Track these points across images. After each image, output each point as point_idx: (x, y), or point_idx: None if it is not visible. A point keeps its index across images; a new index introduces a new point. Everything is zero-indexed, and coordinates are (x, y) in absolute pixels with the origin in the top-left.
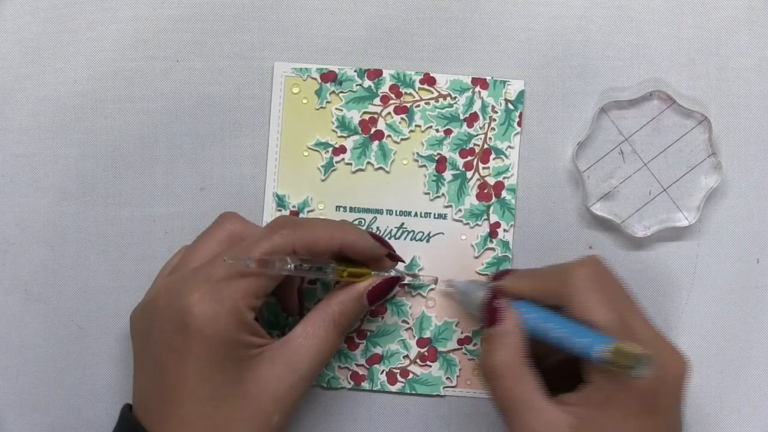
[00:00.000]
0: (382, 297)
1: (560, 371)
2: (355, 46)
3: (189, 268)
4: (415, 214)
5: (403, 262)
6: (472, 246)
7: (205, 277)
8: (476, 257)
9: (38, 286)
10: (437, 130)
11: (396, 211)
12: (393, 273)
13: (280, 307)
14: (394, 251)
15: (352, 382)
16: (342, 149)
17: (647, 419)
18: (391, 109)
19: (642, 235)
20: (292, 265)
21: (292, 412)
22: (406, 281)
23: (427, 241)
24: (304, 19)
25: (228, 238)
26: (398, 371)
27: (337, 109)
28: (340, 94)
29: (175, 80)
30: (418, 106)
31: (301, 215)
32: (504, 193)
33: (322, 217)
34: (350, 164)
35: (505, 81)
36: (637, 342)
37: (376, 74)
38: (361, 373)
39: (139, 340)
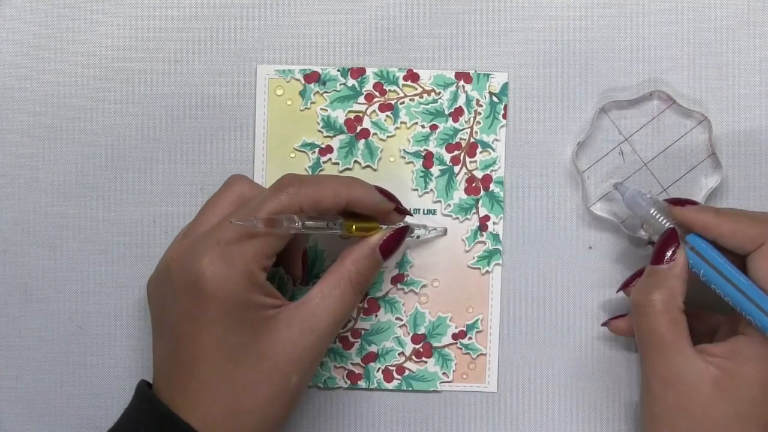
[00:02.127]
0: (394, 249)
1: (698, 317)
2: (355, 46)
3: (200, 232)
4: None
5: (411, 215)
6: (462, 240)
7: (215, 241)
8: (467, 251)
9: (38, 286)
10: (423, 126)
11: None
12: (403, 224)
13: (285, 270)
14: (401, 205)
15: (349, 382)
16: (328, 149)
17: None
18: (375, 106)
19: (642, 235)
20: (300, 223)
21: (311, 374)
22: (415, 233)
23: (417, 237)
24: (304, 19)
25: (237, 200)
26: (394, 369)
27: (321, 109)
28: (324, 94)
29: (175, 80)
30: (403, 102)
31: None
32: (492, 186)
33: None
34: (337, 164)
35: (489, 74)
36: None
37: (359, 73)
38: (357, 372)
39: (156, 308)
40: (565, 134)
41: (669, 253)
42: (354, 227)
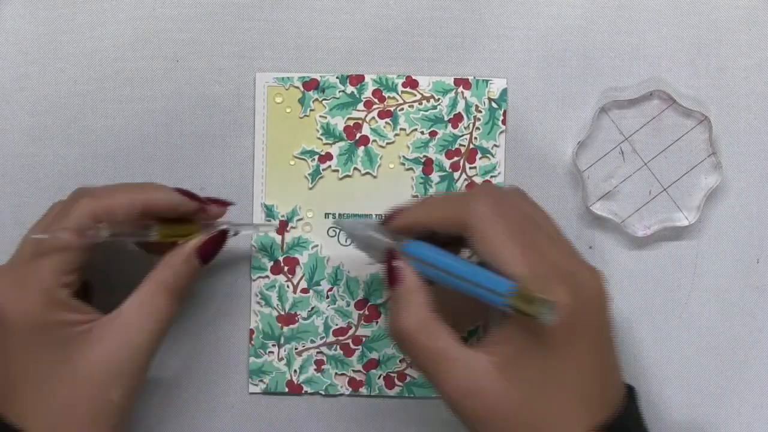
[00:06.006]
0: (213, 253)
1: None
2: (354, 46)
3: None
4: None
5: (233, 204)
6: None
7: (11, 262)
8: (469, 256)
9: None
10: (422, 133)
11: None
12: (225, 226)
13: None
14: (208, 203)
15: (350, 389)
16: (328, 156)
17: (569, 346)
18: (375, 113)
19: (642, 235)
20: (107, 233)
21: (137, 385)
22: (242, 232)
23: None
24: (304, 19)
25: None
26: (395, 375)
27: (321, 116)
28: (324, 102)
29: (175, 80)
30: (402, 109)
31: (290, 224)
32: None
33: (310, 225)
34: (337, 171)
35: (488, 80)
36: (545, 272)
37: (358, 80)
38: (358, 378)
39: None
40: (565, 134)
41: (396, 273)
42: (166, 232)
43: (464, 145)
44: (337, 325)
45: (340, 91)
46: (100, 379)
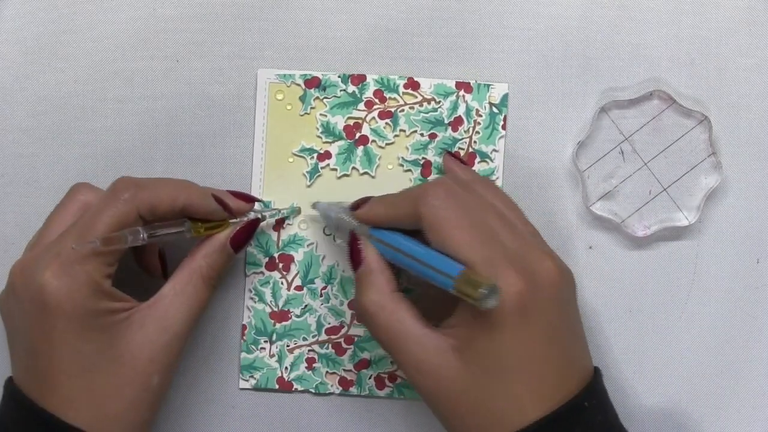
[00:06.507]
0: (245, 242)
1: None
2: (355, 45)
3: (43, 245)
4: None
5: (260, 201)
6: None
7: (56, 253)
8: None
9: None
10: (422, 135)
11: None
12: (252, 215)
13: (142, 270)
14: (236, 213)
15: (341, 388)
16: (327, 155)
17: (522, 331)
18: (375, 113)
19: (642, 235)
20: (146, 235)
21: (172, 372)
22: (268, 218)
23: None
24: (304, 18)
25: (80, 210)
26: (386, 376)
27: (321, 114)
28: (325, 100)
29: (175, 80)
30: (402, 110)
31: (286, 222)
32: None
33: (307, 223)
34: (335, 170)
35: (489, 84)
36: (495, 257)
37: (359, 79)
38: (349, 378)
39: (8, 322)
40: (565, 134)
41: (358, 254)
42: (203, 229)
43: (464, 149)
44: (329, 323)
45: (341, 90)
46: (141, 366)
